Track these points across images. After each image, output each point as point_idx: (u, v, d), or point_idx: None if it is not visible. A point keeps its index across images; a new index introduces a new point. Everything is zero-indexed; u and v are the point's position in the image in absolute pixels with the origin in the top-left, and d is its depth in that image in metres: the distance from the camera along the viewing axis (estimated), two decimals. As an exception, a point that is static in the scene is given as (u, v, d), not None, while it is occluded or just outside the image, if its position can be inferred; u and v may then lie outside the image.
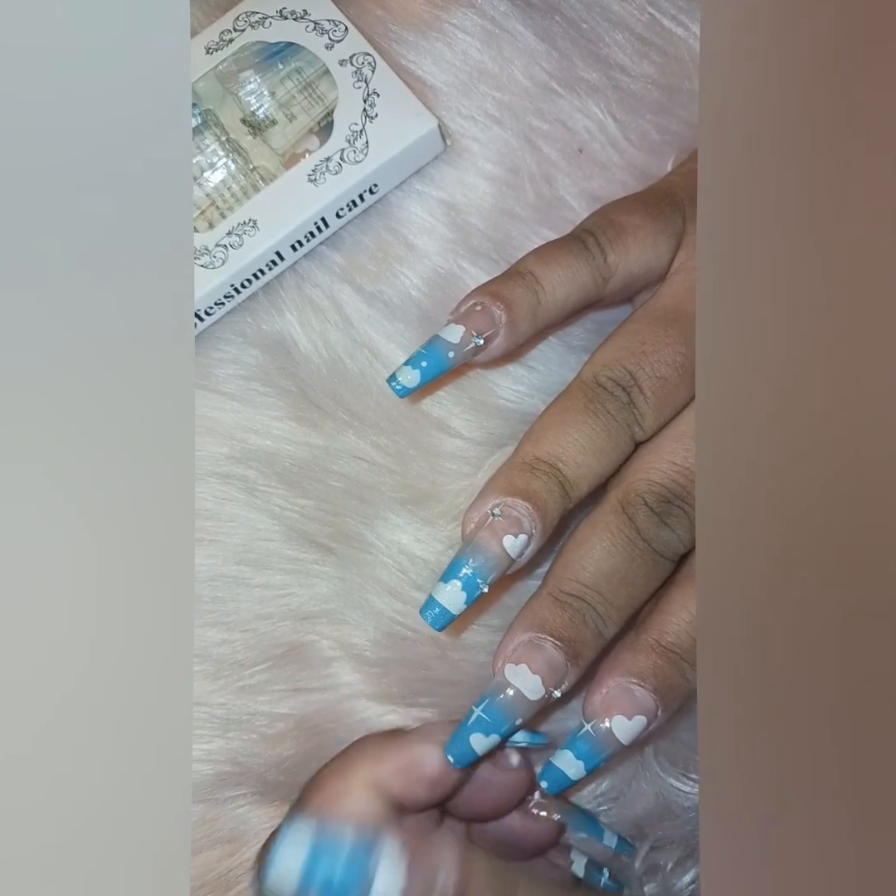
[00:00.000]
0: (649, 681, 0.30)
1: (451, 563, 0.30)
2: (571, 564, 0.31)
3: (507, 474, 0.31)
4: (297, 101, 0.38)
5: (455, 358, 0.32)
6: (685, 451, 0.31)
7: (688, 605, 0.31)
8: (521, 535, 0.30)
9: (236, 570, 0.37)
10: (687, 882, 0.34)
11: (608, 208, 0.34)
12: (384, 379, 0.37)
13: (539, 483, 0.30)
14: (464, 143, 0.38)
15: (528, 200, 0.38)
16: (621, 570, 0.30)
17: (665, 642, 0.30)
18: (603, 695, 0.30)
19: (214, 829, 0.36)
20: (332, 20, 0.38)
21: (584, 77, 0.38)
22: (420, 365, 0.32)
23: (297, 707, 0.37)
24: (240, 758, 0.36)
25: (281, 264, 0.38)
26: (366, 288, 0.38)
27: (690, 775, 0.35)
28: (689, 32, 0.39)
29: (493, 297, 0.32)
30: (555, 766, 0.30)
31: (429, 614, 0.30)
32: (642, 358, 0.31)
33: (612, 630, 0.31)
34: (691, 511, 0.30)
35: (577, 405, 0.31)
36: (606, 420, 0.31)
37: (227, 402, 0.37)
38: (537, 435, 0.31)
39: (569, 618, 0.30)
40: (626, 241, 0.32)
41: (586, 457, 0.31)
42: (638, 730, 0.30)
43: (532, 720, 0.30)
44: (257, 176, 0.37)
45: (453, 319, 0.32)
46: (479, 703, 0.30)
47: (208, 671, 0.36)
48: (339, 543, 0.37)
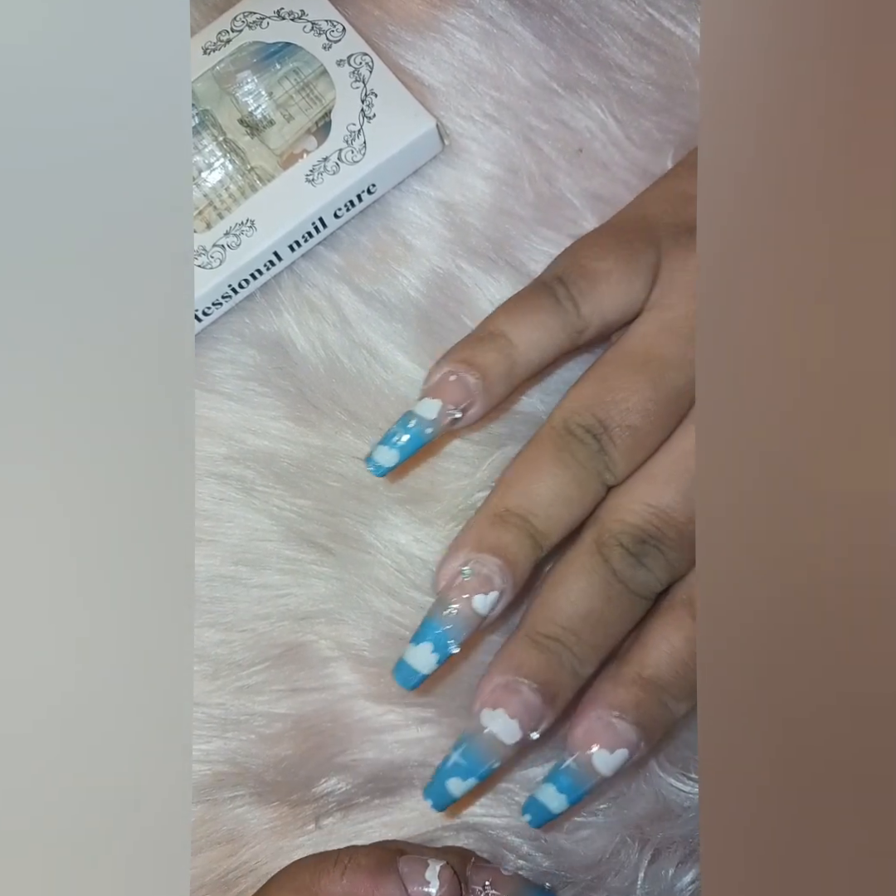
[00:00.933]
0: (630, 713, 0.30)
1: (422, 623, 0.31)
2: (548, 605, 0.31)
3: (477, 527, 0.31)
4: (295, 101, 0.38)
5: (433, 433, 0.31)
6: (658, 492, 0.31)
7: (668, 637, 0.31)
8: (492, 592, 0.30)
9: (234, 570, 0.37)
10: (687, 882, 0.34)
11: (578, 250, 0.33)
12: (381, 380, 0.37)
13: (509, 536, 0.31)
14: (462, 143, 0.38)
15: (527, 200, 0.38)
16: (597, 611, 0.31)
17: (646, 675, 0.31)
18: (585, 728, 0.31)
19: (213, 830, 0.36)
20: (330, 20, 0.38)
21: (583, 77, 0.38)
22: (397, 444, 0.31)
23: (295, 707, 0.37)
24: (238, 758, 0.36)
25: (279, 264, 0.38)
26: (364, 288, 0.38)
27: (690, 775, 0.35)
28: (689, 32, 0.38)
29: (468, 364, 0.31)
30: (537, 801, 0.31)
31: (400, 676, 0.31)
32: (611, 406, 0.31)
33: (588, 670, 0.31)
34: (667, 550, 0.31)
35: (546, 455, 0.31)
36: (576, 470, 0.31)
37: (225, 402, 0.37)
38: (507, 485, 0.31)
39: (545, 660, 0.30)
40: (599, 289, 0.32)
41: (556, 508, 0.31)
42: (620, 762, 0.30)
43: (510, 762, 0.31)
44: (255, 176, 0.37)
45: (427, 392, 0.32)
46: (457, 747, 0.30)
47: (206, 671, 0.36)
48: (338, 543, 0.37)
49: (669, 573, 0.31)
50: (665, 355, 0.31)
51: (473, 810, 0.36)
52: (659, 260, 0.32)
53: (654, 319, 0.32)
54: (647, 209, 0.34)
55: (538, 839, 0.36)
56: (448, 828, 0.36)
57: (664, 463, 0.31)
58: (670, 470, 0.31)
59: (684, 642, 0.31)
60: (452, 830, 0.36)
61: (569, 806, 0.31)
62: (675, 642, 0.31)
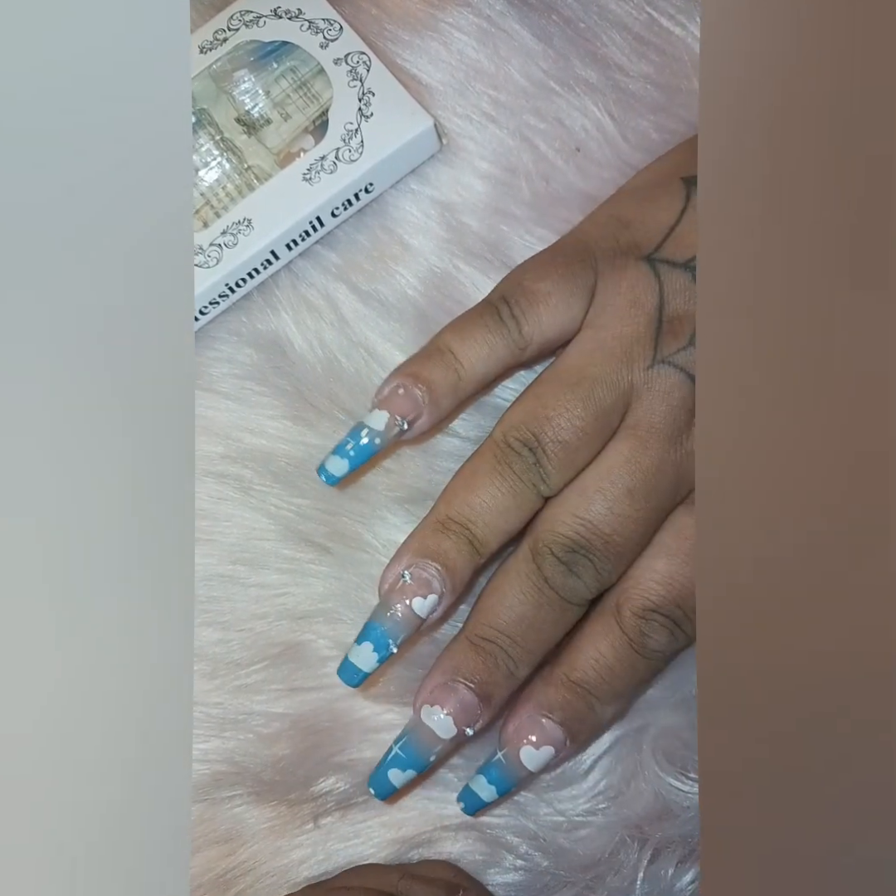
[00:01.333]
0: (557, 714, 0.33)
1: (364, 624, 0.33)
2: (486, 610, 0.33)
3: (420, 535, 0.33)
4: (292, 100, 0.38)
5: (381, 443, 0.33)
6: (588, 504, 0.32)
7: (595, 643, 0.33)
8: (430, 595, 0.32)
9: (232, 569, 0.37)
10: (687, 882, 0.35)
11: (521, 273, 0.35)
12: (379, 379, 0.37)
13: (449, 543, 0.32)
14: (459, 143, 0.38)
15: (524, 199, 0.38)
16: (530, 616, 0.33)
17: (574, 677, 0.33)
18: (515, 725, 0.33)
19: (211, 829, 0.36)
20: (327, 19, 0.38)
21: (581, 76, 0.38)
22: (348, 454, 0.33)
23: (293, 706, 0.37)
24: (236, 757, 0.36)
25: (276, 263, 0.38)
26: (361, 287, 0.38)
27: (689, 774, 0.35)
28: (687, 32, 0.38)
29: (415, 378, 0.33)
30: (470, 789, 0.34)
31: (344, 674, 0.33)
32: (545, 423, 0.33)
33: (524, 671, 0.33)
34: (596, 560, 0.32)
35: (486, 466, 0.33)
36: (513, 481, 0.33)
37: (223, 401, 0.37)
38: (450, 495, 0.33)
39: (482, 661, 0.32)
40: (538, 310, 0.33)
41: (493, 517, 0.33)
42: (545, 759, 0.33)
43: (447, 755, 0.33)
44: (252, 175, 0.37)
45: (377, 404, 0.33)
46: (398, 741, 0.33)
47: (204, 671, 0.36)
48: (336, 543, 0.37)
49: (598, 581, 0.32)
50: (596, 374, 0.33)
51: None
52: (595, 281, 0.34)
53: (588, 339, 0.34)
54: (586, 234, 0.36)
55: (537, 838, 0.36)
56: (447, 828, 0.36)
57: (592, 477, 0.33)
58: (597, 485, 0.32)
59: (611, 648, 0.32)
60: (452, 830, 0.36)
61: (498, 796, 0.33)
62: (603, 648, 0.33)
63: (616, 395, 0.33)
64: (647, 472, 0.32)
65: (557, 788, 0.36)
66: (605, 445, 0.33)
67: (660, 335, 0.33)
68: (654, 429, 0.32)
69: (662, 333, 0.33)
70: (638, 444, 0.32)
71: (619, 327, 0.33)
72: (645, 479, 0.32)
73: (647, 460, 0.32)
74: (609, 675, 0.32)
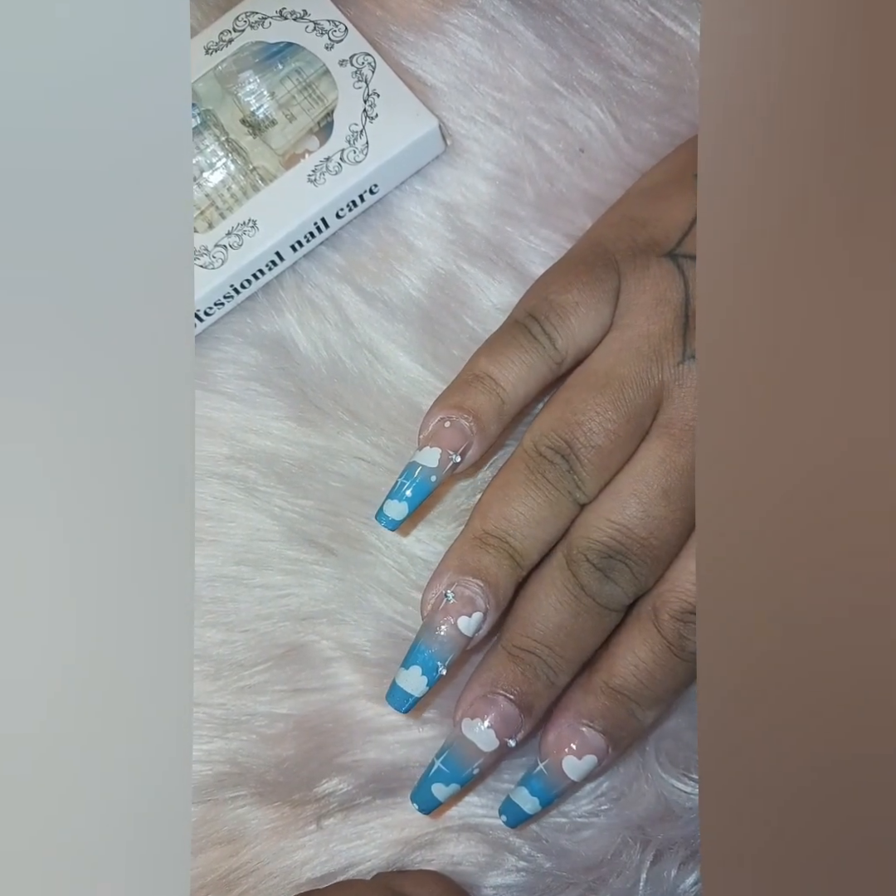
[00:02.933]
0: (598, 722, 0.32)
1: (410, 648, 0.32)
2: (522, 620, 0.33)
3: (458, 551, 0.33)
4: (297, 101, 0.38)
5: (437, 480, 0.33)
6: (622, 508, 0.32)
7: (634, 648, 0.32)
8: (475, 613, 0.32)
9: (236, 570, 0.37)
10: (690, 884, 0.34)
11: (544, 286, 0.34)
12: (383, 380, 0.37)
13: (489, 558, 0.32)
14: (464, 144, 0.38)
15: (527, 201, 0.38)
16: (568, 625, 0.32)
17: (613, 684, 0.32)
18: (556, 735, 0.33)
19: (214, 830, 0.36)
20: (332, 20, 0.38)
21: (585, 77, 0.38)
22: (405, 496, 0.33)
23: (296, 707, 0.37)
24: (239, 758, 0.36)
25: (281, 265, 0.38)
26: (366, 288, 0.38)
27: (692, 776, 0.35)
28: (691, 32, 0.38)
29: (459, 409, 0.33)
30: (512, 802, 0.33)
31: (393, 700, 0.32)
32: (576, 428, 0.32)
33: (563, 679, 0.32)
34: (632, 565, 0.32)
35: (519, 477, 0.33)
36: (547, 490, 0.32)
37: (227, 402, 0.37)
38: (485, 509, 0.33)
39: (521, 672, 0.32)
40: (569, 322, 0.33)
41: (531, 528, 0.32)
42: (588, 768, 0.32)
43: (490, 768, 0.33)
44: (257, 176, 0.37)
45: (425, 441, 0.33)
46: (440, 755, 0.33)
47: (208, 671, 0.36)
48: (340, 544, 0.37)
49: (636, 586, 0.32)
50: (625, 375, 0.32)
51: (475, 811, 0.36)
52: (619, 283, 0.34)
53: (615, 340, 0.33)
54: (601, 236, 0.35)
55: (539, 840, 0.36)
56: (450, 829, 0.36)
57: (626, 480, 0.32)
58: (632, 487, 0.32)
59: (650, 653, 0.32)
60: (454, 832, 0.36)
61: (541, 808, 0.33)
62: (642, 653, 0.32)
63: (647, 395, 0.32)
64: (683, 471, 0.31)
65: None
66: (637, 447, 0.33)
67: (688, 330, 0.32)
68: (687, 426, 0.32)
69: (690, 329, 0.32)
70: (672, 442, 0.32)
71: (645, 325, 0.33)
72: (681, 479, 0.31)
73: (682, 459, 0.32)
74: (649, 681, 0.32)
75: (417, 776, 0.34)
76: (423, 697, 0.32)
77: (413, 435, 0.37)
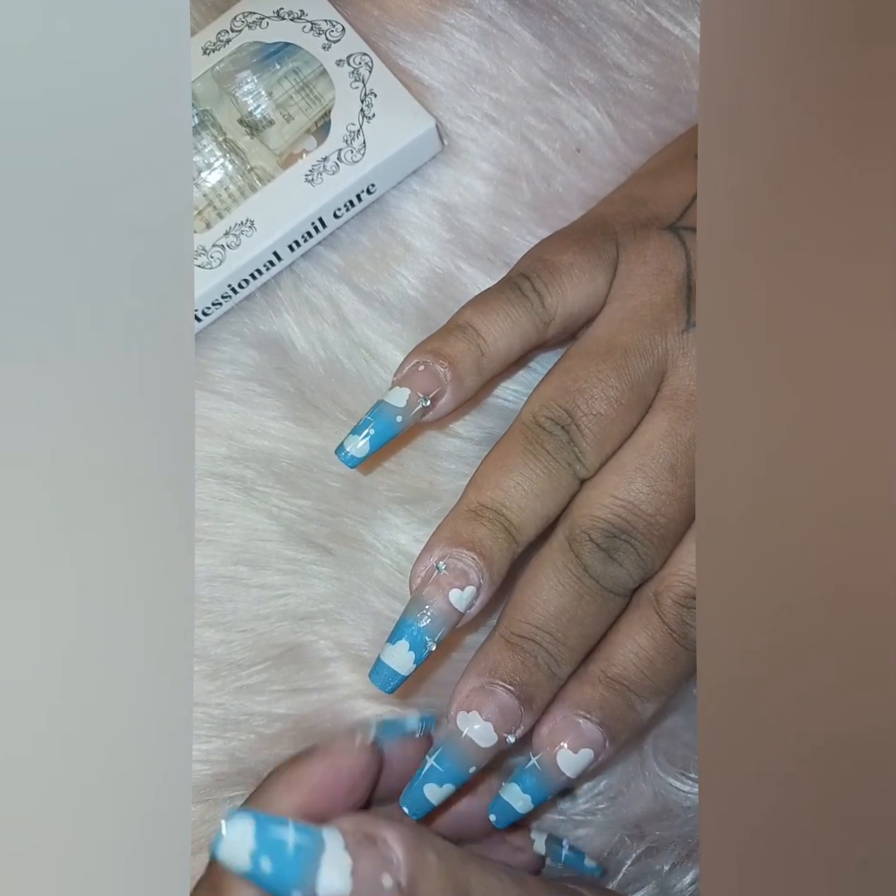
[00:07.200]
0: (595, 713, 0.30)
1: (398, 621, 0.30)
2: (521, 605, 0.31)
3: (451, 523, 0.31)
4: (295, 101, 0.38)
5: (403, 422, 0.31)
6: (627, 483, 0.30)
7: (634, 635, 0.30)
8: (468, 587, 0.29)
9: (234, 570, 0.37)
10: (687, 883, 0.34)
11: (540, 248, 0.34)
12: (381, 379, 0.37)
13: (484, 531, 0.30)
14: (461, 144, 0.39)
15: (524, 200, 0.38)
16: (570, 609, 0.30)
17: (612, 673, 0.30)
18: (550, 727, 0.30)
19: (213, 830, 0.36)
20: (329, 20, 0.38)
21: (581, 77, 0.38)
22: (368, 433, 0.31)
23: (294, 707, 0.37)
24: (238, 758, 0.36)
25: (278, 264, 0.38)
26: (363, 288, 0.38)
27: (690, 775, 0.35)
28: (687, 32, 0.39)
29: (436, 354, 0.31)
30: (503, 800, 0.30)
31: (377, 678, 0.30)
32: (577, 395, 0.31)
33: (566, 670, 0.30)
34: (638, 545, 0.30)
35: (517, 447, 0.31)
36: (546, 461, 0.31)
37: (225, 402, 0.37)
38: (480, 480, 0.31)
39: (521, 661, 0.30)
40: (561, 281, 0.32)
41: (529, 500, 0.30)
42: (584, 763, 0.30)
43: (486, 766, 0.30)
44: (255, 176, 0.37)
45: (397, 381, 0.31)
46: (432, 753, 0.30)
47: (206, 671, 0.36)
48: (337, 543, 0.37)
49: (641, 568, 0.30)
50: (627, 342, 0.31)
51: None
52: (617, 255, 0.33)
53: (616, 310, 0.32)
54: (603, 212, 0.35)
55: (538, 838, 0.36)
56: (448, 827, 0.36)
57: (631, 454, 0.31)
58: (637, 461, 0.31)
59: (650, 640, 0.30)
60: (452, 830, 0.36)
61: (533, 806, 0.30)
62: (642, 640, 0.30)
63: (650, 363, 0.31)
64: (690, 444, 0.30)
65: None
66: (641, 420, 0.31)
67: (691, 300, 0.31)
68: (693, 397, 0.30)
69: (693, 298, 0.31)
70: (678, 414, 0.30)
71: (647, 294, 0.32)
72: (688, 453, 0.30)
73: (688, 431, 0.30)
74: (650, 670, 0.30)
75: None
76: (409, 677, 0.30)
77: (411, 434, 0.37)
